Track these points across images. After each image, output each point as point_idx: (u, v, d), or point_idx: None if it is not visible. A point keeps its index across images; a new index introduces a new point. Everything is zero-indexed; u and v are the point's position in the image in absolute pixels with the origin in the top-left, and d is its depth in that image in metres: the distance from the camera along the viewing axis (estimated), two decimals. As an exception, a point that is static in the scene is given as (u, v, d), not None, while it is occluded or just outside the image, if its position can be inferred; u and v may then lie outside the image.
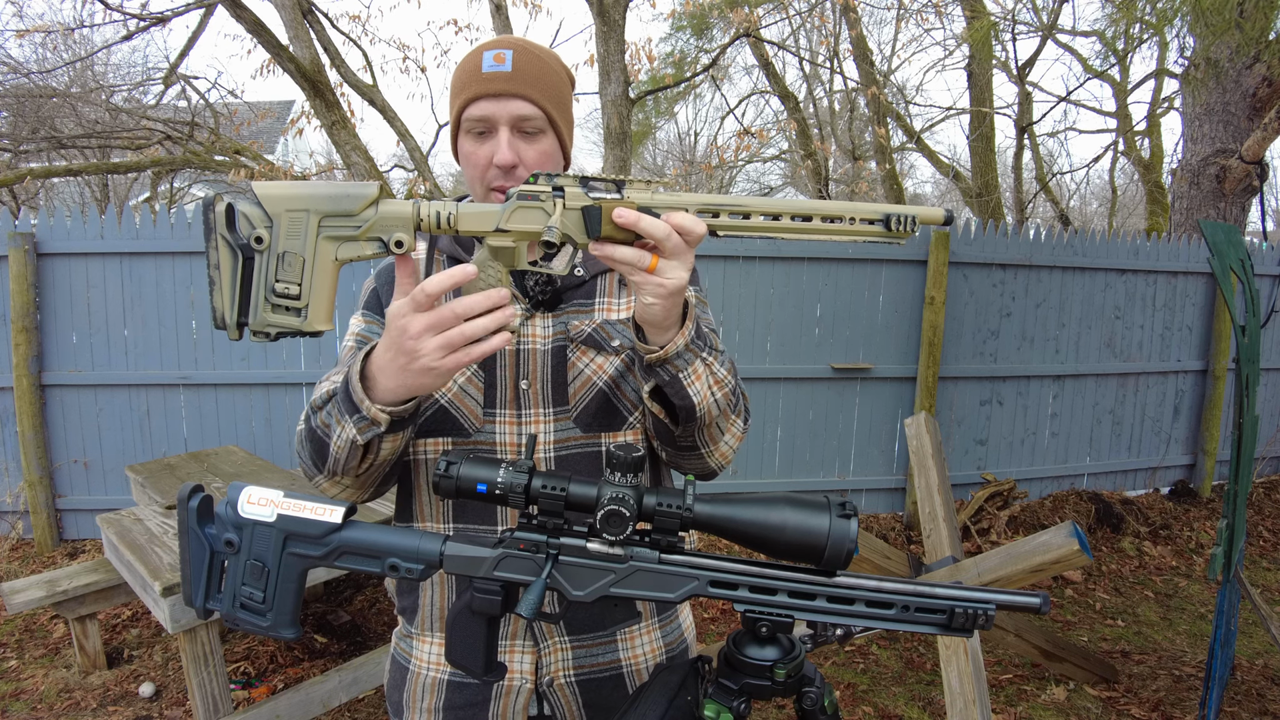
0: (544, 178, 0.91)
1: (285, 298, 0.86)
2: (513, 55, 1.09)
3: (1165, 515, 5.28)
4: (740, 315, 4.74)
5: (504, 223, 0.90)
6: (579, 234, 0.90)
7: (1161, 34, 6.68)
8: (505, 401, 1.14)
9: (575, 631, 1.17)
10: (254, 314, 0.86)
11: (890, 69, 12.30)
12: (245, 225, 0.85)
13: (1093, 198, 19.51)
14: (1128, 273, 5.37)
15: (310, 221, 0.86)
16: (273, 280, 0.86)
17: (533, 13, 7.92)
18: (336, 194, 0.87)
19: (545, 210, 0.90)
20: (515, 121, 1.09)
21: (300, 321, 0.87)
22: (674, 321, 0.96)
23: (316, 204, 0.86)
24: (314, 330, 0.87)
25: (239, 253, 0.85)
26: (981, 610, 0.82)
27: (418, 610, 1.21)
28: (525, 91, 1.08)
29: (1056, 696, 3.24)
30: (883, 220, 0.90)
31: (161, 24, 6.82)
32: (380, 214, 0.87)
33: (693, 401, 1.01)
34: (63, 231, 4.31)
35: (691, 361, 0.99)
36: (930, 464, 2.95)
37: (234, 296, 0.86)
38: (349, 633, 3.59)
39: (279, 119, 13.45)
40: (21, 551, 4.44)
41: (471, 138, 1.11)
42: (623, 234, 0.90)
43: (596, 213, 0.89)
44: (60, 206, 4.97)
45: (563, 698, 1.17)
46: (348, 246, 0.87)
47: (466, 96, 1.09)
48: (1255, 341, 2.72)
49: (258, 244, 0.85)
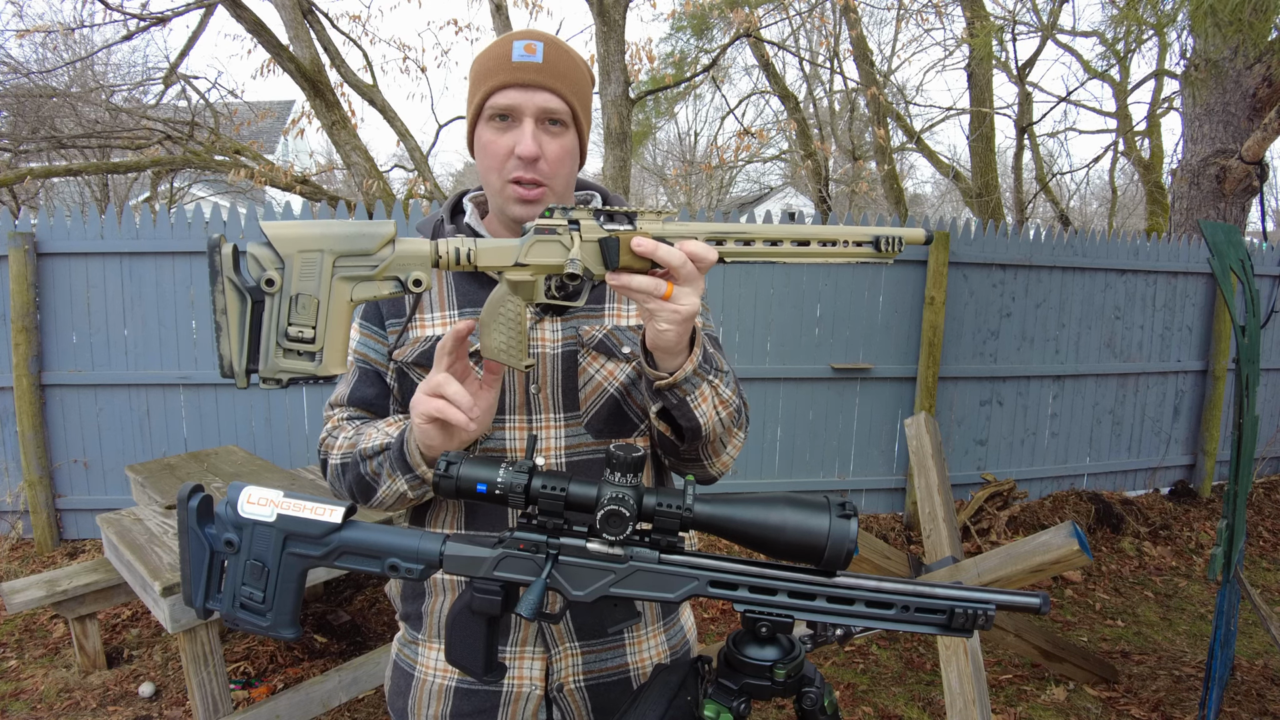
0: (559, 211, 0.91)
1: (299, 341, 0.83)
2: (543, 47, 1.07)
3: (1165, 515, 5.28)
4: (740, 315, 4.74)
5: (523, 257, 0.90)
6: (596, 265, 0.91)
7: (1162, 34, 6.68)
8: (515, 406, 1.14)
9: (585, 637, 1.17)
10: (265, 360, 0.83)
11: (890, 69, 12.30)
12: (254, 267, 0.82)
13: (1093, 198, 19.53)
14: (1128, 273, 5.37)
15: (325, 262, 0.83)
16: (285, 324, 0.82)
17: (533, 13, 7.92)
18: (352, 233, 0.84)
19: (563, 243, 0.90)
20: (541, 114, 1.07)
21: (315, 366, 0.84)
22: (684, 347, 0.97)
23: (331, 244, 0.83)
24: (329, 375, 0.85)
25: (248, 296, 0.82)
26: (981, 610, 0.82)
27: (424, 617, 1.20)
28: (554, 84, 1.07)
29: (1056, 697, 3.24)
30: (872, 242, 0.95)
31: (161, 24, 6.83)
32: (397, 253, 0.85)
33: (699, 423, 1.02)
34: (63, 231, 4.31)
35: (699, 385, 1.00)
36: (930, 464, 2.95)
37: (243, 342, 0.82)
38: (349, 633, 3.58)
39: (279, 119, 13.46)
40: (21, 551, 4.44)
41: (493, 126, 1.08)
42: (639, 264, 0.91)
43: (614, 244, 0.90)
44: (60, 206, 4.97)
45: (572, 703, 1.17)
46: (364, 286, 0.85)
47: (493, 84, 1.06)
48: (1255, 342, 2.72)
49: (269, 286, 0.82)
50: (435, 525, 1.19)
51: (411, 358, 1.15)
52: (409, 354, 1.15)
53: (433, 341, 1.14)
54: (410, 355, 1.15)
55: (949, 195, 21.70)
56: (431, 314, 1.17)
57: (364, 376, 1.19)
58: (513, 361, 0.93)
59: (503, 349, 0.93)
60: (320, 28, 6.20)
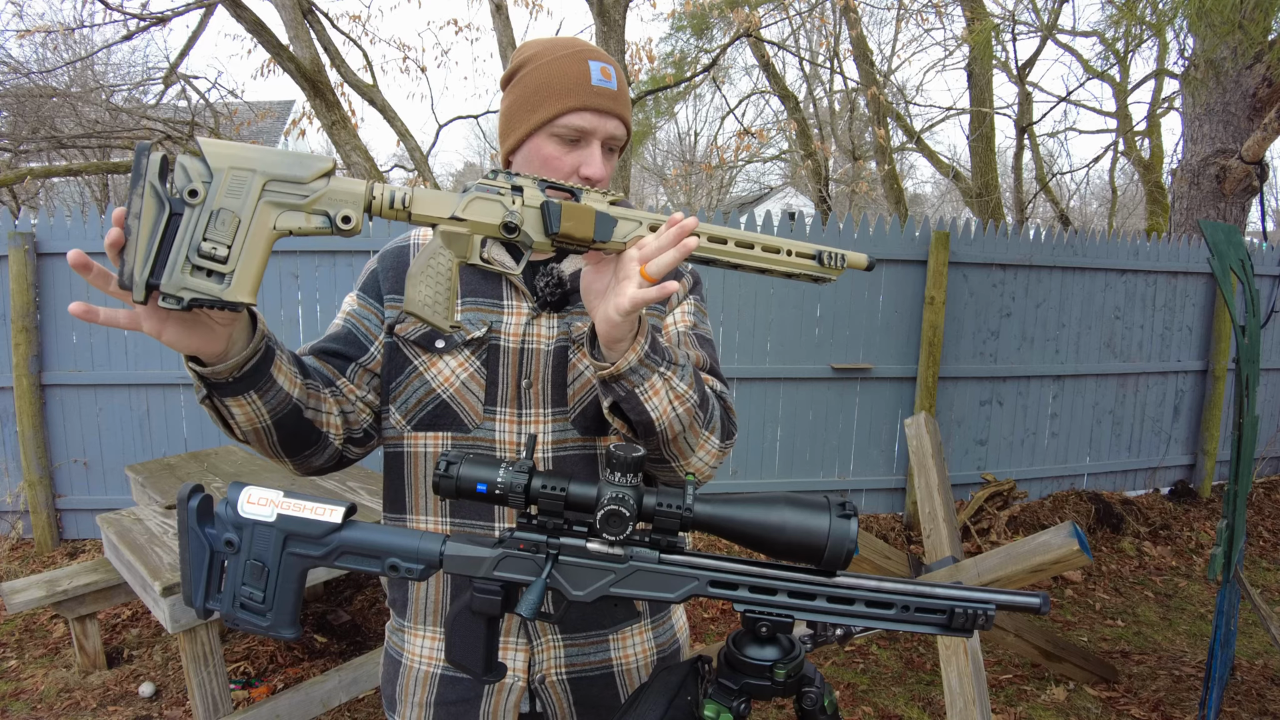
0: (502, 175, 0.91)
1: (210, 259, 0.78)
2: (615, 73, 1.13)
3: (1165, 515, 5.28)
4: (740, 315, 4.74)
5: (460, 210, 0.89)
6: (537, 230, 0.90)
7: (1161, 34, 6.68)
8: (506, 400, 1.14)
9: (568, 630, 1.17)
10: (170, 274, 0.77)
11: (890, 69, 12.30)
12: (182, 177, 0.78)
13: (1093, 198, 19.54)
14: (1128, 273, 5.37)
15: (255, 182, 0.80)
16: (199, 239, 0.78)
17: (533, 12, 7.93)
18: (288, 160, 0.82)
19: (504, 204, 0.89)
20: (609, 140, 1.12)
21: (221, 289, 0.79)
22: (630, 335, 0.95)
23: (266, 165, 0.80)
24: (234, 300, 0.80)
25: (167, 205, 0.77)
26: (981, 610, 0.82)
27: (409, 603, 1.21)
28: (624, 113, 1.13)
29: (1056, 697, 3.24)
30: (815, 256, 0.96)
31: (161, 24, 6.83)
32: (331, 187, 0.83)
33: (650, 417, 0.98)
34: (63, 231, 4.32)
35: (648, 377, 0.97)
36: (930, 464, 2.95)
37: (150, 252, 0.76)
38: (349, 633, 3.59)
39: (279, 119, 13.46)
40: (21, 551, 4.44)
41: (560, 143, 1.11)
42: (579, 233, 0.90)
43: (555, 209, 0.89)
44: (60, 206, 4.97)
45: (554, 695, 1.17)
46: (290, 215, 0.82)
47: (571, 104, 1.09)
48: (1255, 342, 2.72)
49: (191, 197, 0.77)
50: (416, 512, 1.18)
51: (413, 336, 1.15)
52: (410, 331, 1.16)
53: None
54: (412, 334, 1.16)
55: (949, 195, 21.70)
56: None
57: (343, 334, 1.18)
58: (435, 319, 0.90)
59: (427, 304, 0.90)
60: (320, 28, 6.20)
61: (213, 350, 0.89)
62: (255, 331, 0.94)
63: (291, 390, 1.01)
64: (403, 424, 1.16)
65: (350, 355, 1.17)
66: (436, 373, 1.15)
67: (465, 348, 1.15)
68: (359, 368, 1.17)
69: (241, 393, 0.95)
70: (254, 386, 0.95)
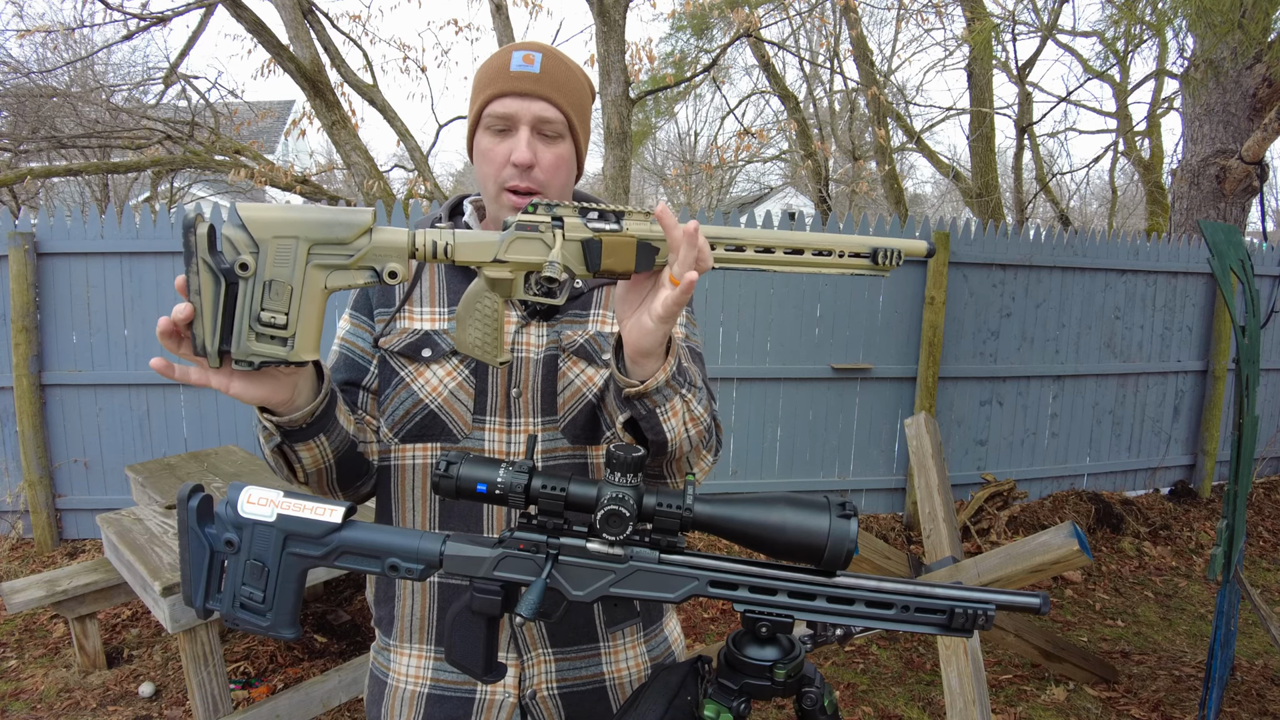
0: (543, 207, 0.89)
1: (271, 327, 0.82)
2: (541, 58, 1.10)
3: (1165, 515, 5.28)
4: (740, 315, 4.74)
5: (502, 253, 0.88)
6: (578, 266, 0.89)
7: (1161, 34, 6.68)
8: (496, 409, 1.14)
9: (559, 644, 1.16)
10: (237, 342, 0.82)
11: (890, 69, 12.30)
12: (229, 250, 0.81)
13: (1093, 198, 19.53)
14: (1128, 273, 5.37)
15: (299, 249, 0.82)
16: (258, 309, 0.82)
17: (533, 12, 7.92)
18: (328, 221, 0.83)
19: (544, 241, 0.88)
20: (536, 123, 1.09)
21: (286, 351, 0.83)
22: (661, 353, 0.93)
23: (306, 230, 0.82)
24: (300, 360, 0.84)
25: (222, 278, 0.81)
26: (981, 610, 0.82)
27: (395, 621, 1.19)
28: (549, 94, 1.09)
29: (1056, 697, 3.24)
30: (869, 254, 0.92)
31: (161, 24, 6.83)
32: (374, 243, 0.84)
33: (666, 438, 0.98)
34: (63, 231, 4.32)
35: (670, 398, 0.96)
36: (930, 464, 2.95)
37: (215, 324, 0.81)
38: (349, 633, 3.59)
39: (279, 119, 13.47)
40: (21, 551, 4.44)
41: (490, 134, 1.11)
42: (621, 268, 0.89)
43: (597, 246, 0.88)
44: (60, 206, 4.97)
45: (545, 711, 1.15)
46: (338, 275, 0.84)
47: (491, 93, 1.09)
48: (1255, 342, 2.72)
49: (243, 271, 0.81)
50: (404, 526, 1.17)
51: (398, 348, 1.15)
52: (395, 344, 1.15)
53: (420, 334, 1.15)
54: (396, 345, 1.15)
55: (949, 195, 21.70)
56: (421, 308, 1.17)
57: (342, 362, 1.19)
58: (487, 358, 0.92)
59: (477, 345, 0.91)
60: (320, 28, 6.21)
61: (280, 399, 0.91)
62: (320, 376, 0.96)
63: (348, 427, 1.05)
64: (389, 436, 1.15)
65: (355, 380, 1.18)
66: (424, 382, 1.14)
67: (453, 356, 1.14)
68: (365, 391, 1.18)
69: (312, 437, 0.98)
70: (323, 429, 0.98)
